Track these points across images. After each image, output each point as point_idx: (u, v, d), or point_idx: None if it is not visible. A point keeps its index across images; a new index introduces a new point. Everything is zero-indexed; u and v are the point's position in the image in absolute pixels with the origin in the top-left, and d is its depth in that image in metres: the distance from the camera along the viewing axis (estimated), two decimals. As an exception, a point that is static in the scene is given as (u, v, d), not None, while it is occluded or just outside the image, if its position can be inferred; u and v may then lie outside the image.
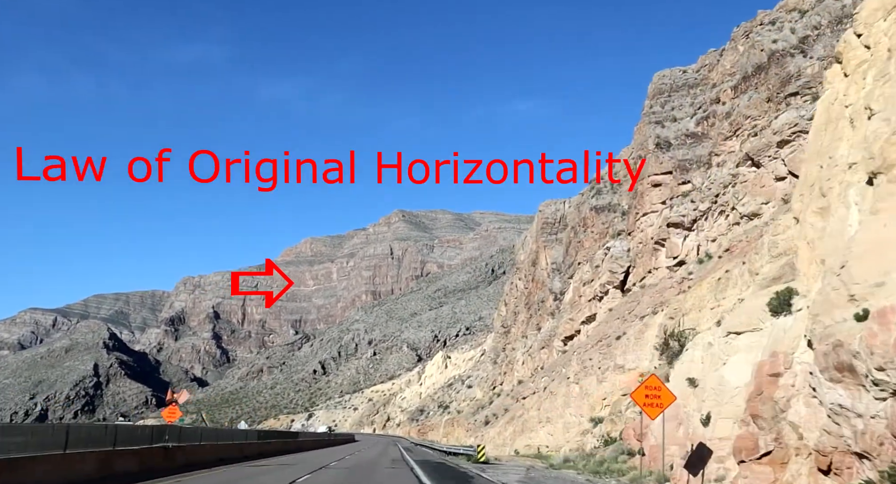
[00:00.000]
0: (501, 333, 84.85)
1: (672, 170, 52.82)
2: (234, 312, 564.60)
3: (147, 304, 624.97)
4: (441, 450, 49.86)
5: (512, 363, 73.08)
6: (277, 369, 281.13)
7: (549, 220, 74.36)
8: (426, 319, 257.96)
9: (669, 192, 53.04)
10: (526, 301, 76.71)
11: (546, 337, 66.28)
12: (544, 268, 72.61)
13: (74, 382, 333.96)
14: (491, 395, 75.73)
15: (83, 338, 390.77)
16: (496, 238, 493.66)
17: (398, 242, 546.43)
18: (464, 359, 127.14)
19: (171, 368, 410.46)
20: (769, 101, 46.39)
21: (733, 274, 40.43)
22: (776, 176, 44.18)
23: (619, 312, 52.19)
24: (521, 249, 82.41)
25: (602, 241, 61.87)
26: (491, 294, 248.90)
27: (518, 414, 58.73)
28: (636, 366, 42.24)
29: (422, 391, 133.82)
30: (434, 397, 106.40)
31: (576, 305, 63.00)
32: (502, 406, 65.94)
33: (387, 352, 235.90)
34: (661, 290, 47.65)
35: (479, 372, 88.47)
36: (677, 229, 50.18)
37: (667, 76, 58.11)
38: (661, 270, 51.49)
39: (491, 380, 77.99)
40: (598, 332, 53.27)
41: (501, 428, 60.28)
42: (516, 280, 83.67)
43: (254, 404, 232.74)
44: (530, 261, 77.72)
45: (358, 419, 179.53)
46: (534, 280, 74.72)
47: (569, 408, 48.92)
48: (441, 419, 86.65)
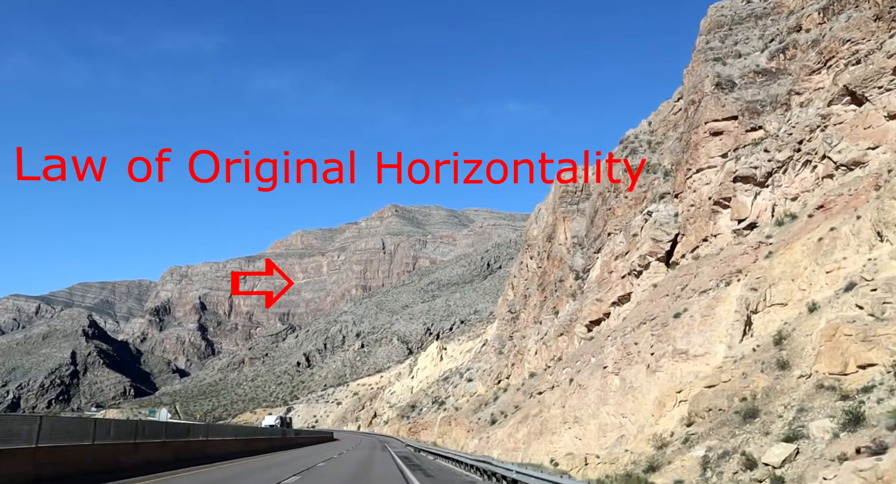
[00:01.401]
0: (508, 320, 74.49)
1: (738, 114, 42.61)
2: (220, 304, 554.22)
3: (133, 293, 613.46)
4: (466, 461, 32.51)
5: (522, 353, 62.75)
6: (259, 361, 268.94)
7: (569, 188, 64.06)
8: (418, 311, 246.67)
9: (733, 142, 42.84)
10: (539, 282, 66.35)
11: (565, 322, 56.01)
12: (563, 242, 62.29)
13: (50, 369, 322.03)
14: (496, 390, 65.43)
15: (62, 325, 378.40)
16: (490, 235, 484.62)
17: (390, 236, 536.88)
18: (461, 350, 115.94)
19: (152, 359, 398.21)
20: (877, 19, 36.20)
21: (842, 232, 30.31)
22: (888, 113, 33.99)
23: (667, 288, 41.97)
24: (535, 224, 72.08)
25: (639, 206, 51.64)
26: (487, 288, 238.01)
27: (534, 412, 48.45)
28: (706, 351, 32.20)
29: (413, 385, 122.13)
30: (428, 392, 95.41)
31: (605, 283, 52.74)
32: (511, 403, 55.65)
33: (375, 344, 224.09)
34: (728, 258, 37.46)
35: (480, 364, 77.94)
36: (745, 185, 39.99)
37: (726, 7, 47.85)
38: (724, 236, 41.30)
39: (496, 372, 67.62)
40: (639, 312, 43.03)
41: (512, 429, 49.96)
42: (527, 259, 73.28)
43: (231, 397, 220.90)
44: (545, 236, 67.35)
45: (341, 415, 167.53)
46: (549, 257, 64.39)
47: (605, 405, 38.67)
48: (436, 417, 76.32)
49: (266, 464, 30.22)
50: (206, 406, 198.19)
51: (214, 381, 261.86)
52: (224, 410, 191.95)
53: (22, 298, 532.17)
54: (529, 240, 71.98)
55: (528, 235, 72.62)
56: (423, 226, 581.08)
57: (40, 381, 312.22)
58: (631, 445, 31.62)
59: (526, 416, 49.56)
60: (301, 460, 34.03)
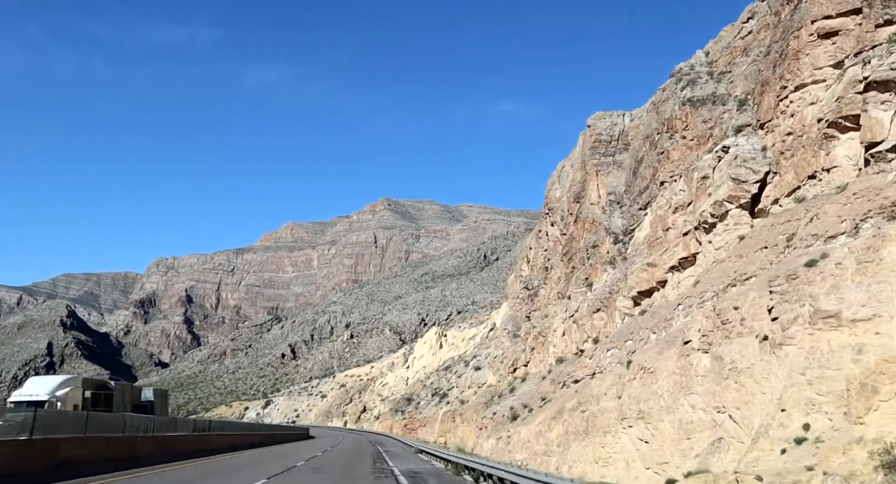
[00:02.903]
0: (523, 299, 63.31)
1: (862, 4, 31.59)
2: (207, 297, 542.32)
3: (119, 285, 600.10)
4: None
5: (544, 335, 51.59)
6: (242, 352, 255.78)
7: (602, 138, 52.92)
8: (412, 301, 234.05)
9: (854, 44, 31.82)
10: (565, 251, 55.14)
11: (602, 295, 44.88)
12: (595, 201, 51.12)
13: (24, 361, 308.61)
14: (510, 379, 54.30)
15: (39, 315, 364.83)
16: (485, 229, 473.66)
17: (382, 230, 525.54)
18: (463, 337, 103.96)
19: (134, 351, 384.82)
20: None
21: None
22: None
23: (763, 239, 30.92)
24: (557, 184, 60.96)
25: (704, 146, 40.52)
26: (486, 278, 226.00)
27: (570, 405, 37.30)
28: (874, 312, 21.32)
29: (409, 376, 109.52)
30: (426, 383, 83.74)
31: (658, 243, 41.65)
32: (535, 394, 44.50)
33: (366, 335, 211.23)
34: (870, 190, 26.32)
35: (489, 350, 66.66)
36: (883, 95, 28.87)
37: None
38: (843, 169, 30.26)
39: (510, 359, 56.43)
40: (723, 272, 31.92)
41: (542, 426, 38.82)
42: (546, 226, 62.03)
43: (210, 389, 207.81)
44: (572, 196, 56.13)
45: (326, 409, 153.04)
46: (578, 221, 53.20)
47: (689, 395, 27.53)
48: (437, 411, 65.11)
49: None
50: (180, 399, 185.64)
51: (194, 373, 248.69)
52: (199, 403, 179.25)
53: (3, 289, 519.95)
54: (550, 203, 60.76)
55: (549, 199, 61.36)
56: (415, 220, 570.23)
57: (13, 372, 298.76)
58: (752, 455, 20.36)
59: (559, 410, 38.39)
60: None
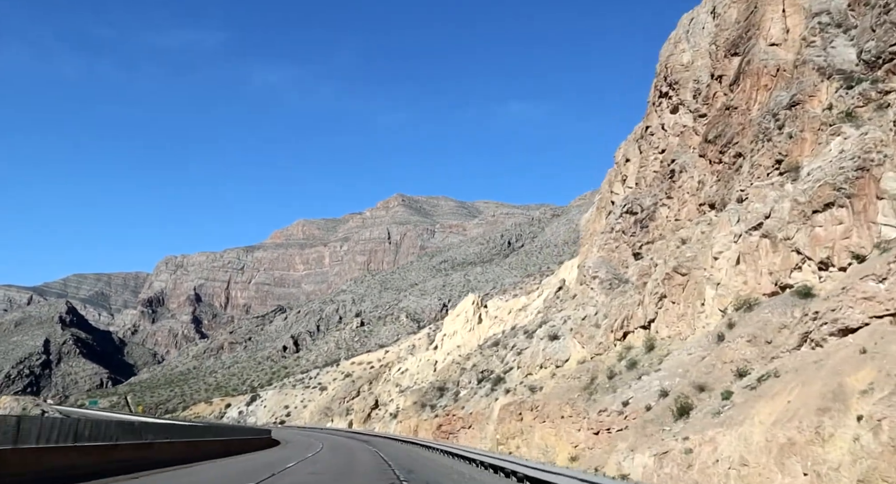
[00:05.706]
0: (623, 231, 41.99)
1: None
2: (216, 295, 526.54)
3: (129, 286, 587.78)
4: None
5: (686, 272, 30.26)
6: (241, 346, 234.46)
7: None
8: (431, 286, 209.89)
9: None
10: (714, 135, 33.83)
11: (834, 176, 23.48)
12: (781, 38, 29.83)
13: (19, 359, 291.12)
14: (621, 349, 33.06)
15: (38, 312, 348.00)
16: (503, 223, 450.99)
17: (396, 225, 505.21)
18: (510, 309, 78.46)
19: (136, 350, 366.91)
20: None
21: None
22: None
23: None
24: (684, 45, 39.50)
25: None
26: (513, 263, 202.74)
27: (859, 377, 15.85)
28: None
29: (437, 359, 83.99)
30: (465, 366, 62.21)
31: None
32: (717, 366, 23.18)
33: (378, 322, 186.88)
34: None
35: (566, 312, 44.31)
36: None
37: None
38: None
39: (615, 319, 34.86)
40: None
41: (793, 424, 17.38)
42: (664, 116, 40.94)
43: (200, 385, 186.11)
44: (724, 48, 34.77)
45: (324, 405, 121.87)
46: (742, 79, 31.89)
47: None
48: (489, 404, 43.54)
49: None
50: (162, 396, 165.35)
51: (187, 369, 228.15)
52: (181, 401, 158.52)
53: (14, 289, 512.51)
54: (674, 74, 39.33)
55: (670, 69, 39.67)
56: (430, 216, 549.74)
57: (6, 370, 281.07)
58: None
59: (831, 390, 17.07)
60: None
